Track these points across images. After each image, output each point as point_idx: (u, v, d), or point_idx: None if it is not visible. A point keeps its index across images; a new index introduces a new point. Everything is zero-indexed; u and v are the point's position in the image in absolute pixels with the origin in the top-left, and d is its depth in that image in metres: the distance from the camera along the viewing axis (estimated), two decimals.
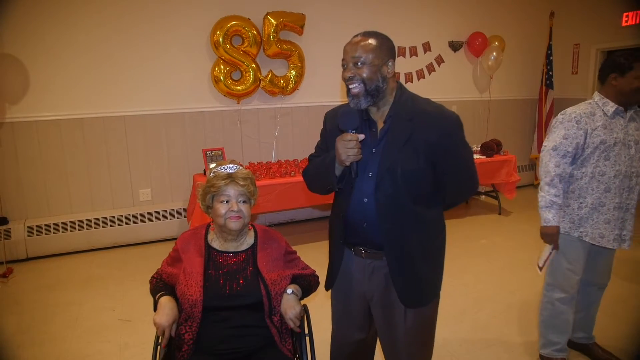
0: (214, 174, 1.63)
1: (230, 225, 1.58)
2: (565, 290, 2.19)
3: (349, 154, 1.37)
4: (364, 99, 1.43)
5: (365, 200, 1.47)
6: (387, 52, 1.45)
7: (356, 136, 1.39)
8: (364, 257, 1.55)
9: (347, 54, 1.43)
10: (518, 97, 6.13)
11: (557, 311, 2.22)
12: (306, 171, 1.67)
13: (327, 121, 1.64)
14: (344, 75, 1.44)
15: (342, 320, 1.71)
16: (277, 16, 4.23)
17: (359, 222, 1.51)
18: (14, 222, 3.86)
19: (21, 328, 2.77)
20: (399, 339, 1.58)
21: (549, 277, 2.24)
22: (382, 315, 1.59)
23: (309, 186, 1.67)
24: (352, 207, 1.50)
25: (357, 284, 1.59)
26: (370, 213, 1.47)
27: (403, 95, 1.50)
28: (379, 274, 1.54)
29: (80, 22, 3.86)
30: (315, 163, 1.59)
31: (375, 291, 1.57)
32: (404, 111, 1.46)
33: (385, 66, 1.44)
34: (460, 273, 3.49)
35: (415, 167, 1.42)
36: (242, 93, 4.32)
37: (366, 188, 1.47)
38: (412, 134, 1.42)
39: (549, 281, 2.25)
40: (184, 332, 1.54)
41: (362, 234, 1.52)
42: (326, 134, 1.62)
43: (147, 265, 3.64)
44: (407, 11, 5.15)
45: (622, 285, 3.21)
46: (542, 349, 2.32)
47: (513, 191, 4.99)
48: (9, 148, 3.82)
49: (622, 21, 5.31)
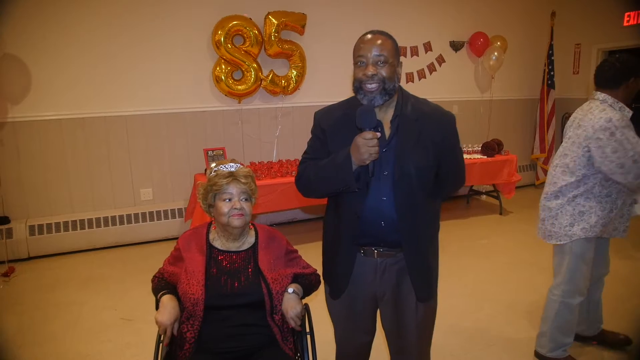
0: (215, 173, 1.63)
1: (233, 223, 1.58)
2: (582, 293, 2.22)
3: (371, 152, 1.37)
4: (380, 97, 1.43)
5: (384, 198, 1.47)
6: (399, 53, 1.50)
7: (376, 134, 1.39)
8: (375, 257, 1.54)
9: (369, 52, 1.41)
10: (519, 97, 6.13)
11: (573, 315, 2.23)
12: (305, 176, 1.55)
13: (321, 122, 1.57)
14: (366, 72, 1.41)
15: (348, 325, 1.67)
16: (279, 16, 4.23)
17: (376, 221, 1.49)
18: (15, 222, 3.86)
19: (22, 327, 2.77)
20: (410, 334, 1.58)
21: (568, 284, 2.20)
22: (393, 312, 1.59)
23: (312, 191, 1.57)
24: (368, 206, 1.48)
25: (368, 285, 1.57)
26: (389, 211, 1.47)
27: (405, 96, 1.53)
28: (391, 271, 1.55)
29: (81, 22, 3.87)
30: (322, 165, 1.49)
31: (386, 289, 1.57)
32: (410, 111, 1.49)
33: (398, 67, 1.48)
34: (461, 273, 3.49)
35: (426, 165, 1.47)
36: (243, 93, 4.32)
37: (383, 187, 1.47)
38: (420, 134, 1.47)
39: (567, 288, 2.20)
40: (186, 331, 1.54)
41: (378, 234, 1.51)
42: (324, 135, 1.55)
43: (148, 265, 3.64)
44: (408, 11, 5.15)
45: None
46: (552, 352, 2.28)
47: (512, 191, 4.99)
48: (11, 147, 3.82)
49: (624, 21, 5.30)
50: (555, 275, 2.28)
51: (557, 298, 2.24)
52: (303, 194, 1.61)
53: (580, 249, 2.15)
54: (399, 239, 1.50)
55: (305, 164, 1.58)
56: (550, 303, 2.28)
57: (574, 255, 2.16)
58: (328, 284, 1.67)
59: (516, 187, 5.09)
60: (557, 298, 2.24)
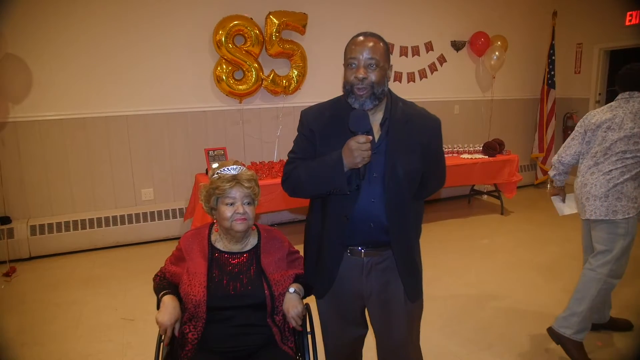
0: (218, 176, 1.61)
1: (236, 227, 1.58)
2: (621, 276, 2.24)
3: (364, 156, 1.37)
4: (370, 101, 1.44)
5: (373, 200, 1.48)
6: (389, 55, 1.50)
7: (369, 138, 1.39)
8: (362, 257, 1.55)
9: (360, 54, 1.42)
10: (520, 97, 6.12)
11: (609, 297, 2.26)
12: (293, 176, 1.52)
13: (310, 122, 1.55)
14: (357, 75, 1.41)
15: (337, 322, 1.67)
16: (280, 16, 4.23)
17: (365, 223, 1.50)
18: (17, 222, 3.87)
19: (24, 327, 2.78)
20: (400, 332, 1.59)
21: (616, 264, 2.20)
22: (381, 311, 1.59)
23: (300, 191, 1.54)
24: (358, 208, 1.49)
25: (354, 284, 1.58)
26: (378, 213, 1.49)
27: (394, 99, 1.54)
28: (377, 270, 1.55)
29: (82, 22, 3.86)
30: (312, 167, 1.48)
31: (373, 288, 1.57)
32: (399, 114, 1.50)
33: (389, 70, 1.48)
34: (462, 273, 3.48)
35: (415, 167, 1.50)
36: (244, 93, 4.32)
37: (373, 189, 1.48)
38: (409, 136, 1.49)
39: (615, 268, 2.20)
40: (188, 332, 1.54)
41: (366, 234, 1.52)
42: (312, 136, 1.53)
43: (149, 265, 3.64)
44: (410, 11, 5.14)
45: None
46: (578, 333, 2.23)
47: (513, 190, 4.98)
48: (12, 148, 3.83)
49: (626, 20, 5.29)
50: (603, 253, 2.23)
51: (603, 277, 2.20)
52: (289, 193, 1.57)
53: (633, 230, 2.15)
54: (387, 240, 1.52)
55: (293, 163, 1.55)
56: (592, 282, 2.22)
57: (629, 235, 2.16)
58: (312, 283, 1.67)
59: (517, 187, 5.07)
60: (602, 277, 2.20)
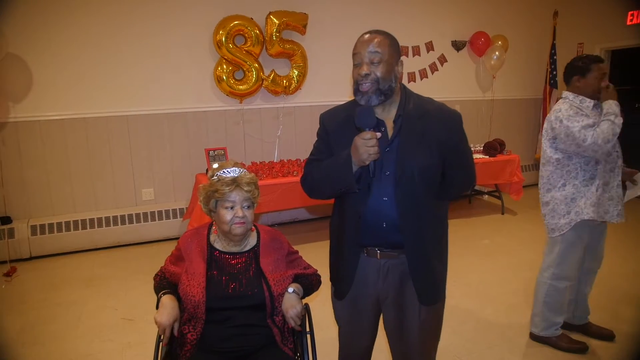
0: (217, 178, 1.59)
1: (235, 231, 1.57)
2: (571, 279, 2.39)
3: (370, 152, 1.36)
4: (375, 97, 1.42)
5: (385, 199, 1.46)
6: (399, 51, 1.47)
7: (375, 134, 1.37)
8: (379, 258, 1.53)
9: (363, 49, 1.41)
10: (521, 97, 6.11)
11: (562, 297, 2.39)
12: (310, 176, 1.57)
13: (325, 123, 1.58)
14: (360, 72, 1.41)
15: (351, 327, 1.66)
16: (280, 15, 4.23)
17: (377, 222, 1.48)
18: (17, 222, 3.87)
19: (24, 327, 2.78)
20: (413, 338, 1.56)
21: (557, 268, 2.36)
22: (395, 315, 1.57)
23: (316, 191, 1.58)
24: (370, 207, 1.47)
25: (371, 287, 1.56)
26: (390, 212, 1.46)
27: (408, 95, 1.52)
28: (394, 273, 1.53)
29: (83, 23, 3.87)
30: (324, 166, 1.50)
31: (390, 291, 1.55)
32: (413, 110, 1.48)
33: (397, 66, 1.46)
34: (464, 273, 3.47)
35: (430, 164, 1.45)
36: (244, 92, 4.32)
37: (385, 187, 1.46)
38: (424, 132, 1.45)
39: (556, 272, 2.37)
40: (187, 332, 1.54)
41: (380, 234, 1.50)
42: (327, 137, 1.56)
43: (149, 265, 3.64)
44: (410, 10, 5.14)
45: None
46: (544, 331, 2.45)
47: (520, 192, 4.95)
48: (13, 147, 3.83)
49: (627, 20, 5.28)
50: (545, 259, 2.43)
51: (546, 280, 2.40)
52: (309, 194, 1.61)
53: (571, 236, 2.30)
54: (402, 240, 1.48)
55: (310, 165, 1.59)
56: (539, 285, 2.45)
57: (564, 240, 2.32)
58: (333, 284, 1.67)
59: (522, 188, 5.04)
60: (545, 280, 2.41)
